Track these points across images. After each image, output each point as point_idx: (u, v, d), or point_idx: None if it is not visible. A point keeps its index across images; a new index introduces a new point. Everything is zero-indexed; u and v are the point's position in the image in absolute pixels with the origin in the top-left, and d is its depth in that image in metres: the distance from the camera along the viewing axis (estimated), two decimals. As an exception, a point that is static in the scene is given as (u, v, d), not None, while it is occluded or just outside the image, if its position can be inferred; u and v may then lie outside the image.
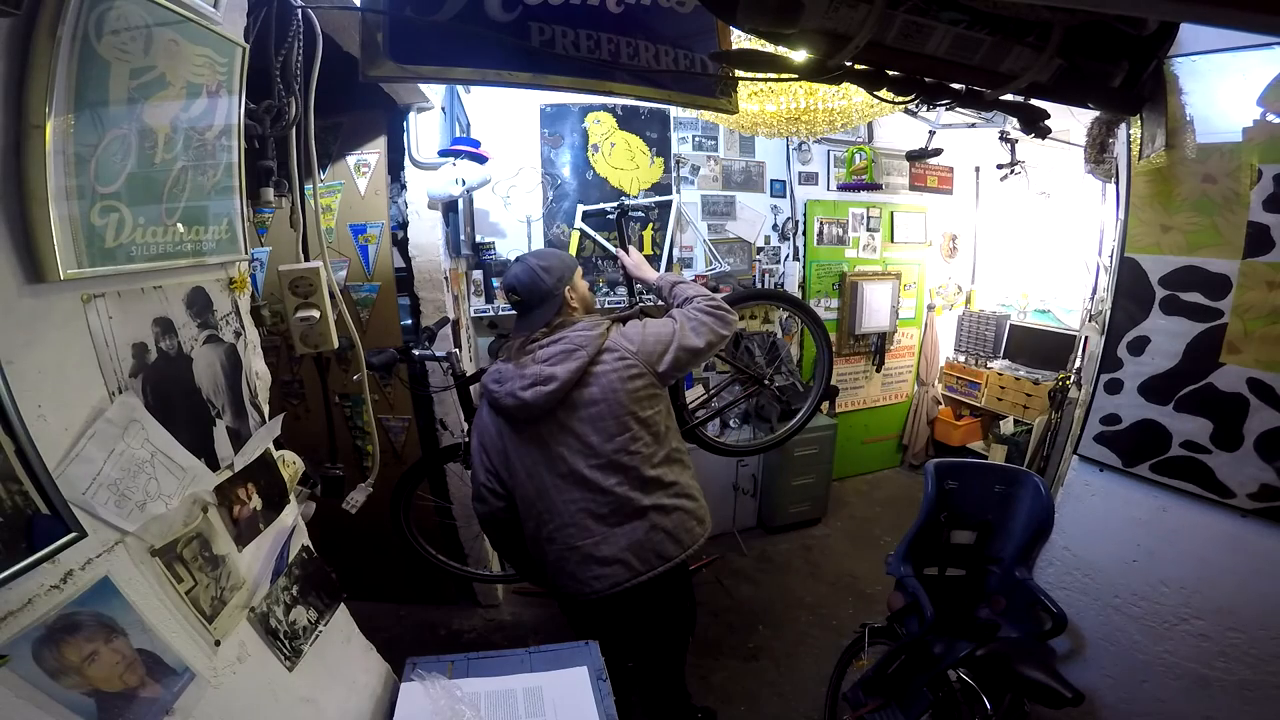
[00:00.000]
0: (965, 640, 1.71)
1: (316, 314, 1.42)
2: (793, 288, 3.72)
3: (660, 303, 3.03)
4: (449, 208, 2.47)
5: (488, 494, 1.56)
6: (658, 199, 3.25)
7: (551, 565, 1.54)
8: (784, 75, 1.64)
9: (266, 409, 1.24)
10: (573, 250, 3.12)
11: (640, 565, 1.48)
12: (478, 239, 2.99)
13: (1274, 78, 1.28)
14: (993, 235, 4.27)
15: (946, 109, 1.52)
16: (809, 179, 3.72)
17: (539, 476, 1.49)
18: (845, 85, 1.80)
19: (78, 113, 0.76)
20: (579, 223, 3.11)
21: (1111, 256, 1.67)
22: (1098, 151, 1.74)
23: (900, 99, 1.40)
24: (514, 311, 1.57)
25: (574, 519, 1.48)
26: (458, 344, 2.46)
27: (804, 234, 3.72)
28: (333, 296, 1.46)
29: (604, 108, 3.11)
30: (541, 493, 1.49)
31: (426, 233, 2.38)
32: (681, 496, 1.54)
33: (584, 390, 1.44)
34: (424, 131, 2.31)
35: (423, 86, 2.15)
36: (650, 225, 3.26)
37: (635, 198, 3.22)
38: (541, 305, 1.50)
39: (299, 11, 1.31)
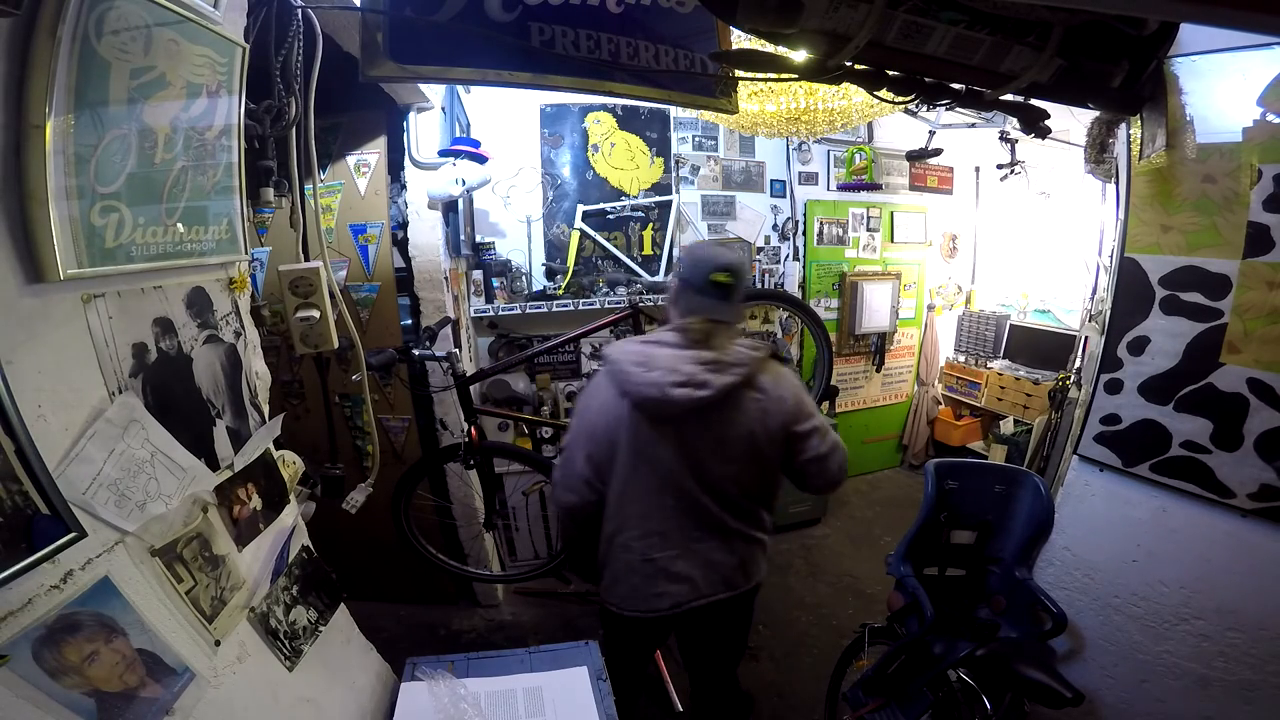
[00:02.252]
0: (965, 640, 1.70)
1: (316, 314, 1.42)
2: (793, 288, 3.72)
3: (659, 303, 3.04)
4: (449, 208, 2.47)
5: (583, 485, 1.43)
6: (658, 199, 3.25)
7: (615, 571, 1.48)
8: (784, 75, 1.64)
9: (266, 409, 1.24)
10: (572, 250, 3.12)
11: (705, 587, 1.44)
12: (478, 239, 2.99)
13: (1274, 78, 1.27)
14: (993, 235, 4.27)
15: (946, 109, 1.52)
16: (809, 179, 3.72)
17: (641, 477, 1.39)
18: (845, 85, 1.80)
19: (78, 113, 0.76)
20: (579, 223, 3.12)
21: (1111, 256, 1.67)
22: (1098, 151, 1.74)
23: (900, 99, 1.40)
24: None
25: (659, 528, 1.41)
26: (458, 344, 2.46)
27: (804, 234, 3.72)
28: (333, 296, 1.46)
29: (604, 108, 3.11)
30: (636, 495, 1.41)
31: (426, 233, 2.38)
32: (762, 531, 1.51)
33: (724, 408, 1.36)
34: (424, 131, 2.31)
35: (423, 86, 2.15)
36: (650, 225, 3.26)
37: (636, 197, 3.22)
38: (737, 300, 1.39)
39: (299, 11, 1.31)
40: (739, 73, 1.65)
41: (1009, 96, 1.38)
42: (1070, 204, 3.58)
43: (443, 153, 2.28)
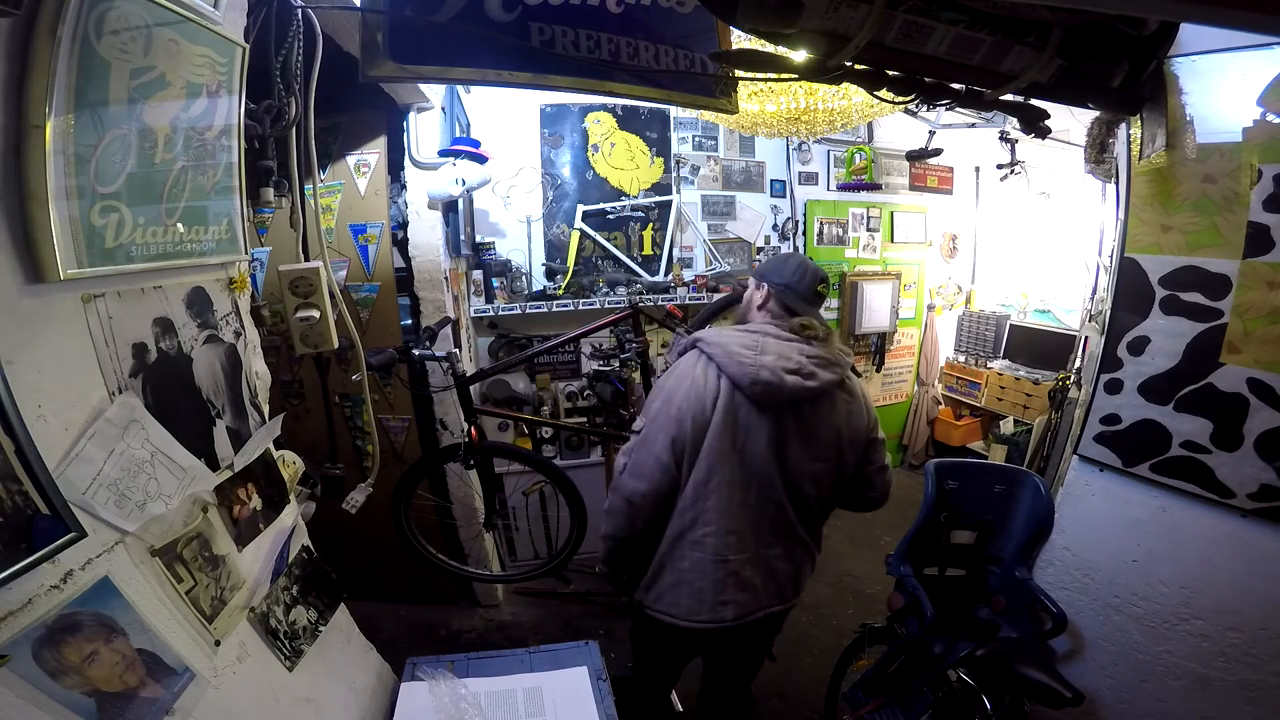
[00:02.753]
0: (965, 640, 1.70)
1: (316, 314, 1.42)
2: (793, 288, 3.72)
3: (659, 303, 3.04)
4: (449, 208, 2.47)
5: (660, 470, 1.36)
6: (658, 199, 3.25)
7: (678, 574, 1.41)
8: (784, 75, 1.64)
9: (266, 409, 1.24)
10: (572, 250, 3.12)
11: (765, 598, 1.43)
12: (478, 239, 2.99)
13: (1274, 78, 1.27)
14: (993, 235, 4.27)
15: (946, 109, 1.52)
16: (809, 179, 3.72)
17: (729, 467, 1.35)
18: (845, 85, 1.80)
19: (78, 113, 0.76)
20: (579, 223, 3.12)
21: (1111, 256, 1.67)
22: (1098, 151, 1.74)
23: (900, 99, 1.39)
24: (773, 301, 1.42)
25: (737, 526, 1.37)
26: (458, 344, 2.46)
27: (804, 234, 3.72)
28: (333, 296, 1.46)
29: (604, 108, 3.11)
30: (720, 486, 1.35)
31: (426, 233, 2.38)
32: (818, 545, 1.52)
33: (820, 404, 1.38)
34: (424, 131, 2.31)
35: (423, 86, 2.15)
36: (650, 225, 3.26)
37: (636, 197, 3.22)
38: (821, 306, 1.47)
39: (299, 11, 1.31)
40: (739, 73, 1.65)
41: (1009, 96, 1.37)
42: (1070, 204, 3.58)
43: (443, 153, 2.28)
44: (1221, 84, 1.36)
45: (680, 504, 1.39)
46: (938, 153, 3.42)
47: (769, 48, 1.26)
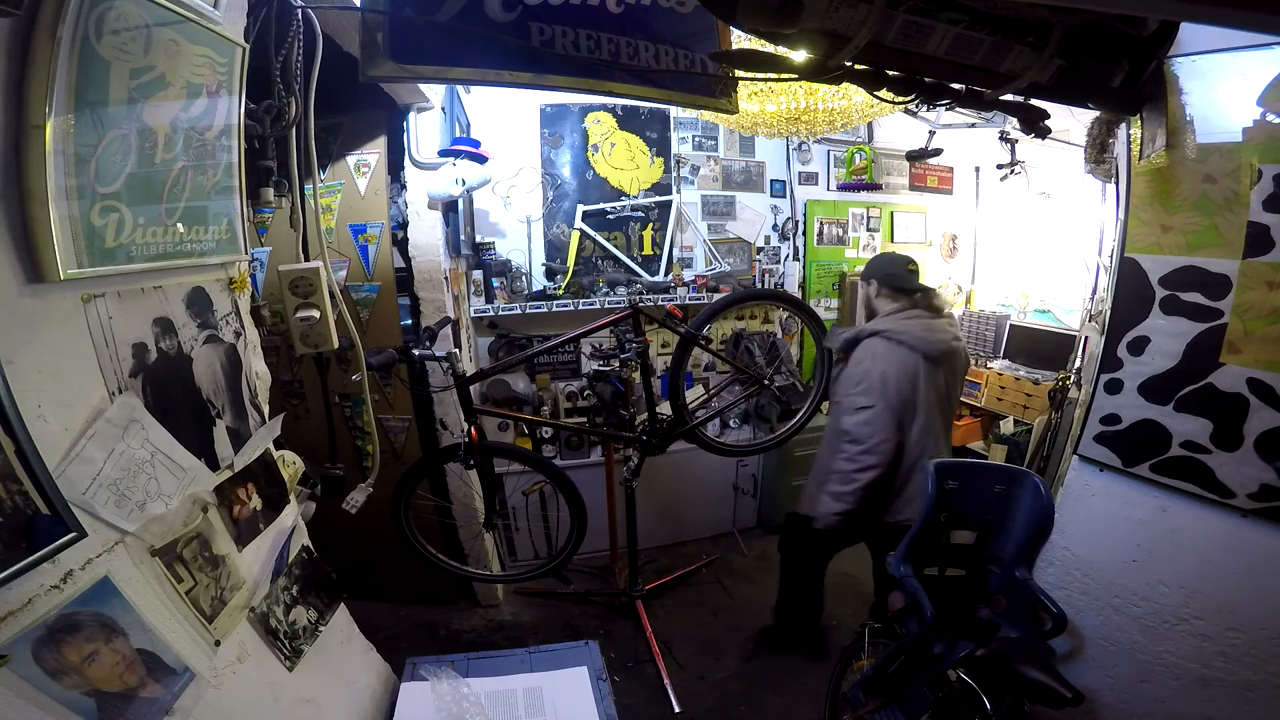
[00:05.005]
0: (965, 640, 1.70)
1: (316, 314, 1.42)
2: (793, 288, 3.72)
3: (659, 303, 3.05)
4: (449, 208, 2.47)
5: (887, 446, 2.06)
6: (658, 199, 3.25)
7: (906, 488, 2.10)
8: (784, 75, 1.64)
9: (266, 409, 1.24)
10: (572, 250, 3.12)
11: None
12: (478, 239, 2.99)
13: (1274, 78, 1.27)
14: (993, 235, 4.26)
15: (946, 109, 1.52)
16: (809, 179, 3.72)
17: (926, 407, 2.08)
18: (845, 85, 1.80)
19: (78, 113, 0.76)
20: (579, 223, 3.12)
21: (1111, 256, 1.67)
22: (1098, 151, 1.74)
23: (900, 99, 1.39)
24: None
25: (933, 446, 2.10)
26: (458, 344, 2.46)
27: (804, 234, 3.72)
28: (333, 296, 1.46)
29: (604, 108, 3.11)
30: (920, 417, 2.07)
31: (426, 233, 2.38)
32: None
33: (954, 358, 2.15)
34: (424, 131, 2.31)
35: (423, 86, 2.15)
36: (650, 225, 3.26)
37: (636, 197, 3.22)
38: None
39: (299, 11, 1.31)
40: (739, 73, 1.65)
41: (1009, 96, 1.37)
42: (1070, 204, 3.57)
43: (443, 153, 2.28)
44: (1221, 84, 1.36)
45: (910, 440, 2.08)
46: (938, 153, 3.42)
47: (769, 48, 1.26)
